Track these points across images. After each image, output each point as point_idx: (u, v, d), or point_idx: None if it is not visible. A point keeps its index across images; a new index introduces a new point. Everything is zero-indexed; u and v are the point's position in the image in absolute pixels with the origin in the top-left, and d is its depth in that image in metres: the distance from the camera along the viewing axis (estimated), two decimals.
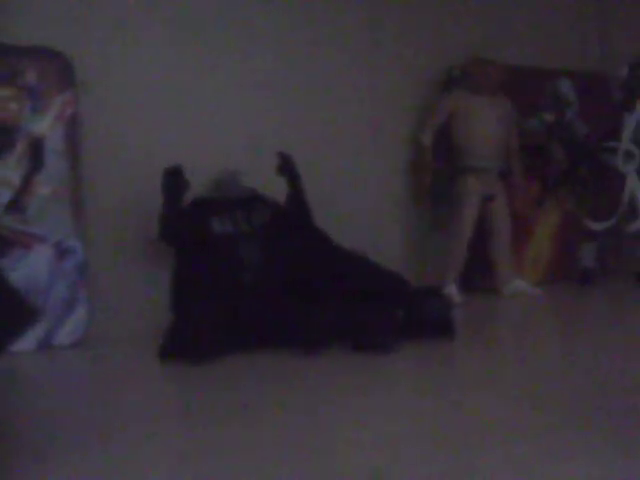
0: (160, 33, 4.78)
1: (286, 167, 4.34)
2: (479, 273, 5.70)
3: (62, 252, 4.26)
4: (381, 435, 2.43)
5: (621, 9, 6.55)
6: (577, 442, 2.30)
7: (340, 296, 3.94)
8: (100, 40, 4.58)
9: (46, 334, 4.18)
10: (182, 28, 4.84)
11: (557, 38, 6.29)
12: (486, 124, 5.43)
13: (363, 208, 5.47)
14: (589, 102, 6.16)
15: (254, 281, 4.16)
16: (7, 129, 4.18)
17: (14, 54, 4.20)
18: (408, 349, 3.70)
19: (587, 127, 6.12)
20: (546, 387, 3.01)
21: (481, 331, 4.46)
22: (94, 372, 3.86)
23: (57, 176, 4.28)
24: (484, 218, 5.52)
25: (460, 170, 5.48)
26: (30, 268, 4.15)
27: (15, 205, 4.18)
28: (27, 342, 4.02)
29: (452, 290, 5.29)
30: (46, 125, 4.26)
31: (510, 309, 5.08)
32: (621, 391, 2.86)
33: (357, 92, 5.48)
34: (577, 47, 6.44)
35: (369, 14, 5.53)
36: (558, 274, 6.13)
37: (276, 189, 4.51)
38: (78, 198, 4.36)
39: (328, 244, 4.35)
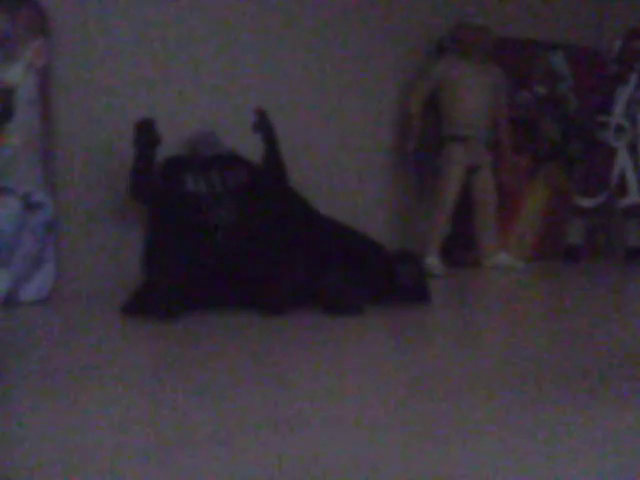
0: None
1: (262, 124, 4.20)
2: (460, 247, 5.60)
3: (30, 205, 4.14)
4: (352, 387, 2.37)
5: None
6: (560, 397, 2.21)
7: (312, 257, 3.83)
8: None
9: (11, 290, 4.07)
10: None
11: (552, 10, 6.17)
12: (474, 91, 5.29)
13: (348, 176, 5.37)
14: (582, 75, 6.03)
15: (226, 241, 4.05)
16: None
17: None
18: (382, 313, 3.62)
19: (576, 100, 5.98)
20: (520, 350, 2.93)
21: (460, 301, 4.38)
22: (58, 328, 3.75)
23: (28, 127, 4.13)
24: (468, 189, 5.40)
25: (446, 139, 5.35)
26: None
27: None
28: None
29: (434, 261, 5.18)
30: (17, 73, 4.13)
31: (492, 282, 4.97)
32: (601, 353, 2.80)
33: (347, 56, 5.36)
34: (571, 20, 6.31)
35: None
36: (545, 250, 6.03)
37: (256, 149, 4.40)
38: (49, 151, 4.24)
39: (302, 205, 4.23)
